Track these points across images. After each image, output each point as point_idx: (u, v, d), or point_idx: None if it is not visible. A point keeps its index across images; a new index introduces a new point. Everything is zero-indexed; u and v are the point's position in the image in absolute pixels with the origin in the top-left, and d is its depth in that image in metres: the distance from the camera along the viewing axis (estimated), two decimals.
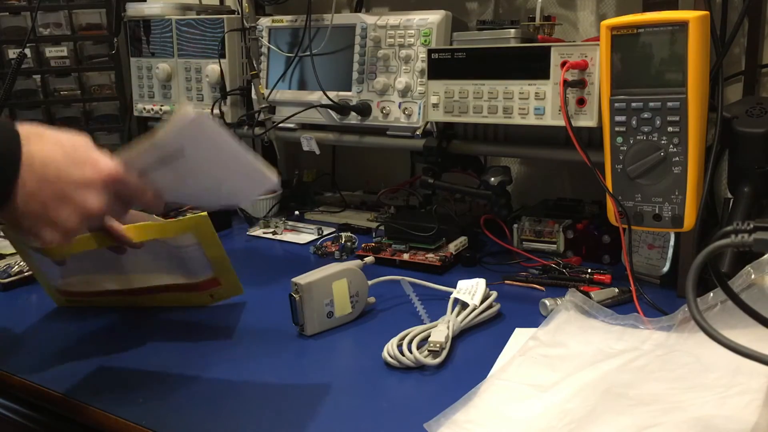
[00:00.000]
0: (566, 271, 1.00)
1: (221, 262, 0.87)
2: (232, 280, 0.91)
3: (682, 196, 0.86)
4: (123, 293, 0.92)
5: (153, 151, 0.64)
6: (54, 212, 0.58)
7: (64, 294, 0.94)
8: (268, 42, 1.32)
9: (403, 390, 0.72)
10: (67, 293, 0.93)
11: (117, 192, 0.63)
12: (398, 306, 0.92)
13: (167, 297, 0.92)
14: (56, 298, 0.96)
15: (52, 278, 0.92)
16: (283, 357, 0.80)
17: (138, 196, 0.65)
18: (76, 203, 0.59)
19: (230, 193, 0.73)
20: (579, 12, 1.25)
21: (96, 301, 0.94)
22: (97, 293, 0.93)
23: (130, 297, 0.93)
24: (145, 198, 0.65)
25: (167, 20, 1.40)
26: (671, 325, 0.79)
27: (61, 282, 0.92)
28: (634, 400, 0.63)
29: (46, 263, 0.87)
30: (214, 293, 0.92)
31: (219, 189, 0.71)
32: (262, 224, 1.31)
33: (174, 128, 0.62)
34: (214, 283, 0.90)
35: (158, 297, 0.92)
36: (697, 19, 0.80)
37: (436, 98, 1.08)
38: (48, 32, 1.44)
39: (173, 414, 0.69)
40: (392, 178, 1.46)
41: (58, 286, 0.92)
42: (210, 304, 0.94)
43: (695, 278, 0.51)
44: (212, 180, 0.69)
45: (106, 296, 0.93)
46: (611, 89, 0.87)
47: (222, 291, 0.92)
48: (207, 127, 0.64)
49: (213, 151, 0.66)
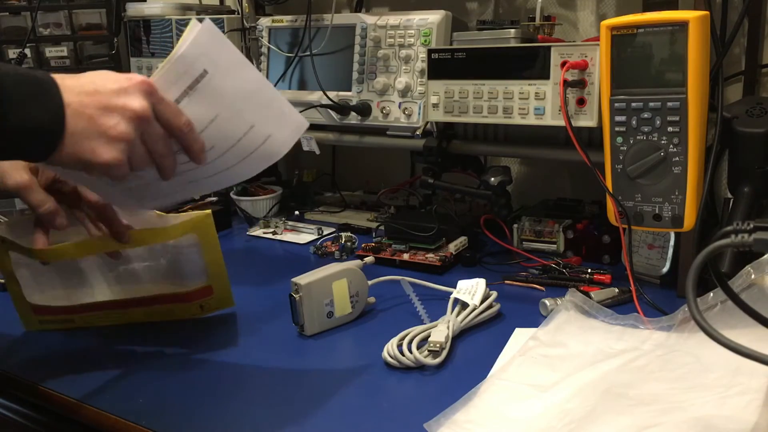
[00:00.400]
0: (566, 271, 1.00)
1: (217, 267, 0.85)
2: (225, 289, 0.87)
3: (682, 196, 0.86)
4: (107, 306, 0.86)
5: (177, 70, 0.62)
6: (102, 122, 0.59)
7: (41, 312, 0.86)
8: (268, 42, 1.32)
9: (403, 390, 0.72)
10: (46, 310, 0.86)
11: (155, 108, 0.62)
12: (398, 306, 0.92)
13: (154, 311, 0.87)
14: (28, 320, 0.87)
15: (31, 293, 0.85)
16: (283, 357, 0.80)
17: (174, 119, 0.63)
18: (120, 108, 0.60)
19: (264, 138, 0.68)
20: (579, 12, 1.25)
21: (75, 321, 0.87)
22: (79, 308, 0.86)
23: (114, 312, 0.87)
24: (180, 122, 0.63)
25: (167, 20, 1.40)
26: (671, 325, 0.79)
27: (40, 297, 0.85)
28: (634, 400, 0.63)
29: (26, 276, 0.84)
30: (204, 304, 0.88)
31: (252, 133, 0.67)
32: (262, 224, 1.31)
33: (189, 39, 0.61)
34: (207, 291, 0.87)
35: (144, 311, 0.87)
36: (697, 19, 0.80)
37: (436, 98, 1.08)
38: (48, 32, 1.44)
39: (173, 414, 0.69)
40: (392, 178, 1.46)
41: (36, 301, 0.85)
42: (199, 316, 0.89)
43: (695, 278, 0.51)
44: (242, 120, 0.66)
45: (88, 313, 0.86)
46: (611, 89, 0.87)
47: (213, 301, 0.88)
48: (219, 38, 0.63)
49: (235, 73, 0.64)
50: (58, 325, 0.87)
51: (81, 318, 0.87)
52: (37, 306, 0.86)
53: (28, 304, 0.86)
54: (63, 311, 0.86)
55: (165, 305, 0.87)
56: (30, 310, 0.86)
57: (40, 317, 0.87)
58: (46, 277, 0.85)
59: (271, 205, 1.38)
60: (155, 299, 0.86)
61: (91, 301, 0.86)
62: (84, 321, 0.87)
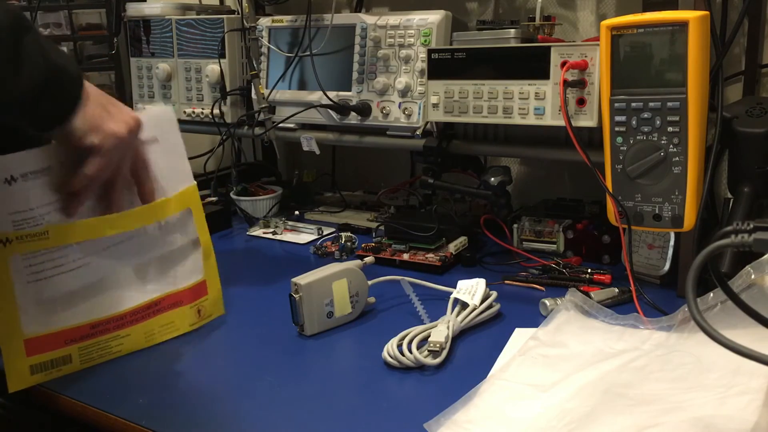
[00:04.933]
0: (566, 271, 1.00)
1: (209, 254, 0.87)
2: (216, 288, 0.89)
3: (682, 196, 0.86)
4: (109, 326, 0.80)
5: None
6: (111, 108, 0.74)
7: (35, 349, 0.74)
8: (268, 42, 1.32)
9: (403, 390, 0.72)
10: (44, 343, 0.75)
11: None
12: (398, 306, 0.92)
13: (155, 322, 0.84)
14: (18, 372, 0.74)
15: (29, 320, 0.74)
16: (283, 357, 0.80)
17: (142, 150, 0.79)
18: (123, 110, 0.75)
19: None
20: (579, 12, 1.25)
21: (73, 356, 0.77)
22: (79, 331, 0.78)
23: (115, 333, 0.81)
24: (144, 156, 0.80)
25: (167, 20, 1.40)
26: (671, 325, 0.79)
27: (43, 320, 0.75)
28: (634, 400, 0.63)
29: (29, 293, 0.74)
30: (201, 307, 0.88)
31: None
32: (262, 224, 1.31)
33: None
34: (202, 290, 0.88)
35: (145, 325, 0.83)
36: (697, 19, 0.80)
37: (436, 98, 1.08)
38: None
39: (173, 414, 0.69)
40: (392, 178, 1.46)
41: (32, 331, 0.74)
42: (198, 325, 0.88)
43: (695, 278, 0.51)
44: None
45: (87, 339, 0.79)
46: (611, 89, 0.87)
47: (208, 304, 0.88)
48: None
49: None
50: (53, 371, 0.76)
51: (82, 349, 0.78)
52: (33, 339, 0.74)
53: (20, 341, 0.73)
54: (64, 340, 0.77)
55: (164, 314, 0.85)
56: (20, 353, 0.73)
57: (32, 359, 0.74)
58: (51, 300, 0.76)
59: (271, 205, 1.38)
60: (156, 305, 0.84)
61: (95, 319, 0.79)
62: (83, 354, 0.78)
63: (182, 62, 1.40)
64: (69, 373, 0.77)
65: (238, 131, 1.35)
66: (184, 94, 1.41)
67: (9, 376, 0.73)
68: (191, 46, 1.39)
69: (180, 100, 1.42)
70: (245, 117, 1.33)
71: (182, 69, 1.40)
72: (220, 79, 1.34)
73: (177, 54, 1.41)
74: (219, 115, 1.36)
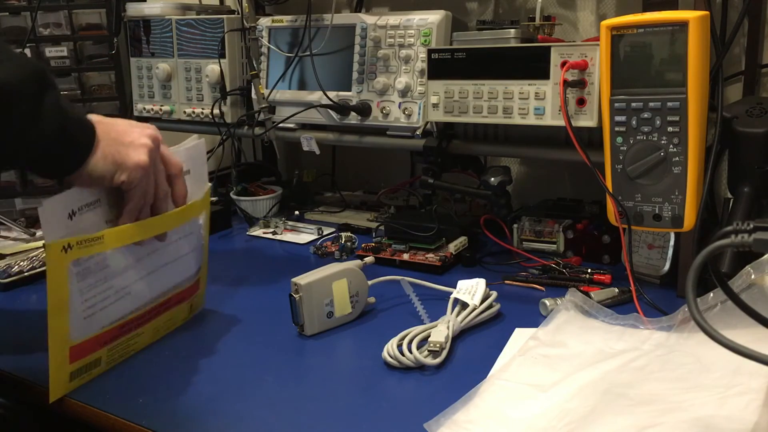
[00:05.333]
0: (566, 271, 1.00)
1: (206, 252, 0.90)
2: (204, 282, 0.92)
3: (682, 196, 0.86)
4: (132, 325, 0.80)
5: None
6: (125, 139, 0.73)
7: (77, 355, 0.73)
8: (268, 42, 1.32)
9: (403, 390, 0.72)
10: (83, 348, 0.74)
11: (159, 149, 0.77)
12: (398, 306, 0.92)
13: (162, 318, 0.85)
14: (60, 380, 0.72)
15: (78, 325, 0.72)
16: (283, 357, 0.80)
17: (171, 158, 0.79)
18: (135, 132, 0.75)
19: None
20: (579, 12, 1.25)
21: (102, 359, 0.77)
22: (111, 333, 0.77)
23: (135, 332, 0.81)
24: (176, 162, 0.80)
25: (167, 20, 1.40)
26: (671, 325, 0.79)
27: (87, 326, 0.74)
28: (634, 400, 0.63)
29: (77, 301, 0.72)
30: (193, 302, 0.90)
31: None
32: (262, 224, 1.31)
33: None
34: (196, 286, 0.90)
35: (155, 322, 0.84)
36: (697, 19, 0.80)
37: (436, 98, 1.08)
38: (48, 32, 1.44)
39: (173, 414, 0.69)
40: (392, 178, 1.46)
41: (78, 337, 0.73)
42: (187, 319, 0.90)
43: (695, 278, 0.51)
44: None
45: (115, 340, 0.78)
46: (611, 89, 0.87)
47: (198, 298, 0.92)
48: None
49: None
50: (85, 375, 0.75)
51: (110, 350, 0.78)
52: (76, 345, 0.73)
53: (67, 348, 0.72)
54: (99, 343, 0.76)
55: (171, 311, 0.86)
56: (65, 360, 0.72)
57: (73, 366, 0.73)
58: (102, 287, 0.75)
59: (271, 205, 1.38)
60: (167, 303, 0.85)
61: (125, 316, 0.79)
62: (110, 356, 0.78)
63: (182, 62, 1.40)
64: (96, 376, 0.76)
65: (238, 131, 1.35)
66: (184, 94, 1.41)
67: (52, 385, 0.71)
68: (191, 46, 1.39)
69: (180, 100, 1.42)
70: (245, 117, 1.33)
71: (182, 69, 1.40)
72: (220, 79, 1.34)
73: (177, 54, 1.41)
74: (219, 115, 1.36)
